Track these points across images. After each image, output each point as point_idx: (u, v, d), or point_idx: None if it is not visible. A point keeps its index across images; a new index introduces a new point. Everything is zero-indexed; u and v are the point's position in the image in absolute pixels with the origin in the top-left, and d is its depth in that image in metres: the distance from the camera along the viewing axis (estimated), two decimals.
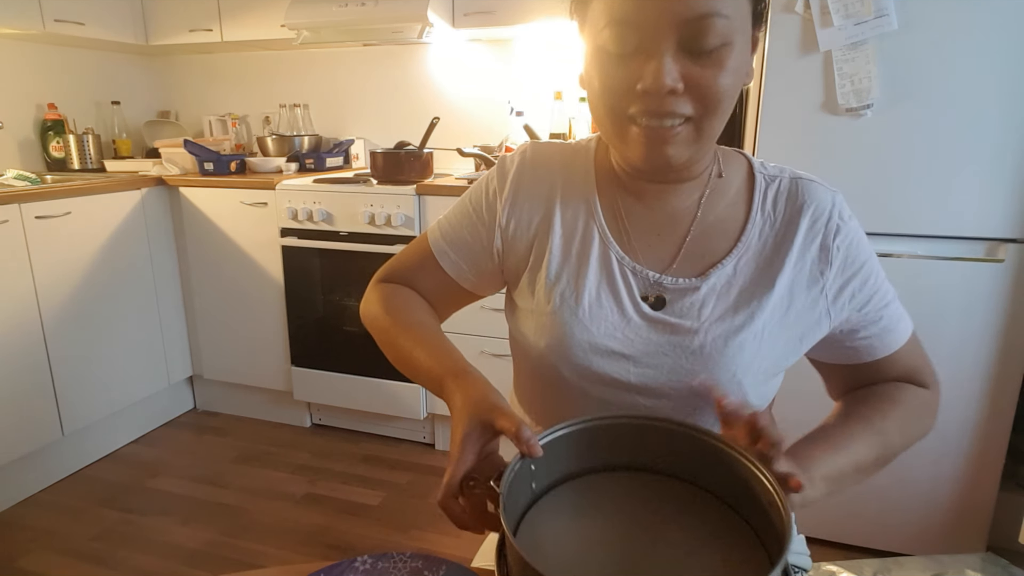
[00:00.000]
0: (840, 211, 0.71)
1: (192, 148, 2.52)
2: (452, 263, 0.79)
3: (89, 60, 2.85)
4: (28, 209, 2.03)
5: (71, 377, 2.20)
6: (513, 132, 2.55)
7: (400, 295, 0.81)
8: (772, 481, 0.52)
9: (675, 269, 0.71)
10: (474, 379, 0.64)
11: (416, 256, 0.83)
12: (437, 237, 0.81)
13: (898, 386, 0.75)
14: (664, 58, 0.58)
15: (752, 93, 1.67)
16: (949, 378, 1.63)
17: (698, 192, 0.72)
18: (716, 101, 0.60)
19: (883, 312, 0.72)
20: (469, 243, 0.78)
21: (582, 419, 0.61)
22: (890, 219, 1.59)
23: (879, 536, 1.78)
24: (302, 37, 2.49)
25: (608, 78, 0.62)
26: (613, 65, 0.61)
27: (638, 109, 0.61)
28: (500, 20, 2.24)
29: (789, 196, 0.71)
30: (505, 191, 0.77)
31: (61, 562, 1.83)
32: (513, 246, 0.77)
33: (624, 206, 0.73)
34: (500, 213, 0.76)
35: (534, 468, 0.57)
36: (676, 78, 0.58)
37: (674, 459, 0.60)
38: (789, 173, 0.73)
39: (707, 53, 0.58)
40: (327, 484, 2.21)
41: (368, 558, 0.63)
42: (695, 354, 0.68)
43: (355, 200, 2.24)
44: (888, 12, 1.47)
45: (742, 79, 0.62)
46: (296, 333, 2.45)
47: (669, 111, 0.60)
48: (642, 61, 0.59)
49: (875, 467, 0.68)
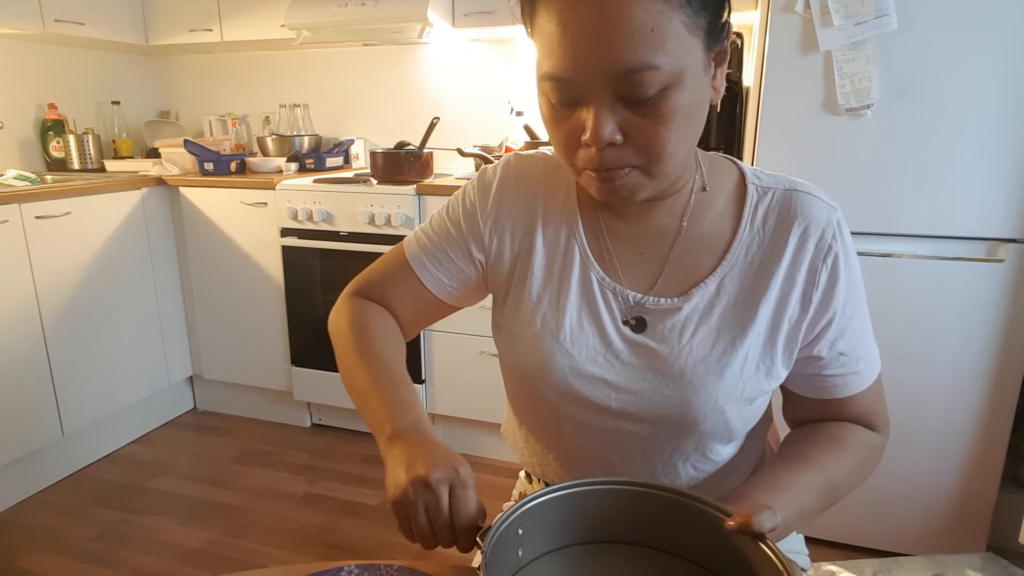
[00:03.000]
0: (836, 230, 0.67)
1: (192, 148, 2.52)
2: (431, 276, 0.77)
3: (89, 60, 2.85)
4: (28, 209, 2.03)
5: (71, 377, 2.20)
6: (513, 132, 2.55)
7: (371, 318, 0.77)
8: (782, 560, 0.49)
9: (658, 289, 0.69)
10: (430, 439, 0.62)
11: (393, 268, 0.80)
12: (415, 249, 0.78)
13: (852, 430, 0.72)
14: (601, 112, 0.56)
15: (752, 93, 1.67)
16: (949, 378, 1.63)
17: (680, 207, 0.69)
18: (659, 148, 0.58)
19: (857, 352, 0.70)
20: (448, 256, 0.77)
21: (574, 483, 0.57)
22: (890, 219, 1.59)
23: (879, 536, 1.78)
24: (302, 37, 2.49)
25: (553, 129, 0.61)
26: (556, 114, 0.60)
27: (583, 162, 0.60)
28: (500, 20, 2.24)
29: (781, 209, 0.68)
30: (488, 206, 0.75)
31: (61, 562, 1.83)
32: (497, 263, 0.76)
33: (606, 225, 0.72)
34: (482, 229, 0.75)
35: (521, 532, 0.54)
36: (613, 130, 0.56)
37: (672, 533, 0.56)
38: (786, 184, 0.69)
39: (645, 102, 0.55)
40: (327, 484, 2.21)
41: (355, 568, 0.62)
42: (675, 380, 0.67)
43: (355, 200, 2.24)
44: (888, 12, 1.47)
45: (697, 112, 0.59)
46: (296, 333, 2.45)
47: (609, 164, 0.58)
48: (582, 113, 0.58)
49: (817, 513, 0.66)
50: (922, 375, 1.64)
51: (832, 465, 0.67)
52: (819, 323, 0.67)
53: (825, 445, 0.69)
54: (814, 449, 0.69)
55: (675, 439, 0.70)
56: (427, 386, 2.34)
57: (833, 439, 0.70)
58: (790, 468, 0.66)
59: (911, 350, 1.64)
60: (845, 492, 0.69)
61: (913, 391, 1.65)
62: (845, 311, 0.68)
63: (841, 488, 0.68)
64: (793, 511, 0.61)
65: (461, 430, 2.39)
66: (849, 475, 0.69)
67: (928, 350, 1.63)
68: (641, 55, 0.53)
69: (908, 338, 1.63)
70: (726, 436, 0.70)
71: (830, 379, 0.70)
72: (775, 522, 0.52)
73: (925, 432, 1.67)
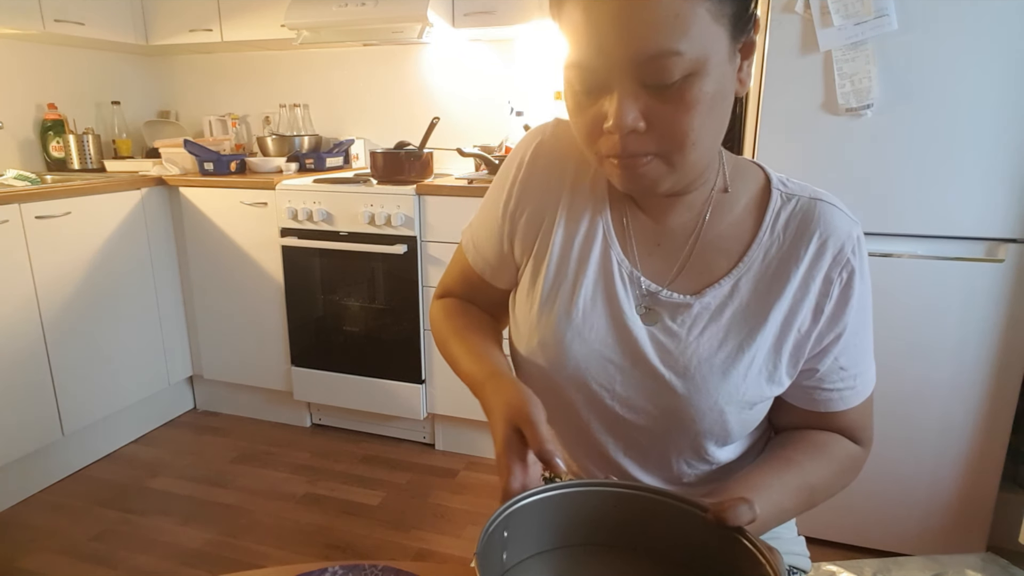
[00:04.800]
0: (856, 246, 0.67)
1: (192, 148, 2.52)
2: (492, 274, 0.80)
3: (89, 60, 2.85)
4: (28, 209, 2.03)
5: (71, 377, 2.20)
6: (513, 132, 2.55)
7: (459, 306, 0.83)
8: (762, 550, 0.49)
9: (674, 284, 0.70)
10: (508, 382, 0.63)
11: (458, 271, 0.83)
12: (470, 247, 0.81)
13: (837, 440, 0.72)
14: (624, 98, 0.56)
15: (752, 93, 1.66)
16: (949, 378, 1.63)
17: (700, 206, 0.70)
18: (681, 136, 0.58)
19: (856, 367, 0.70)
20: (500, 245, 0.78)
21: (557, 485, 0.56)
22: (890, 219, 1.59)
23: (879, 536, 1.78)
24: (302, 37, 2.49)
25: (577, 118, 0.62)
26: (580, 103, 0.61)
27: (606, 148, 0.61)
28: (500, 20, 2.24)
29: (803, 217, 0.67)
30: (516, 184, 0.76)
31: (61, 562, 1.83)
32: (524, 232, 0.76)
33: (630, 212, 0.73)
34: (512, 198, 0.76)
35: (507, 535, 0.54)
36: (636, 116, 0.57)
37: (656, 534, 0.56)
38: (811, 192, 0.69)
39: (669, 88, 0.56)
40: (327, 484, 2.21)
41: (339, 568, 0.63)
42: (679, 375, 0.67)
43: (355, 200, 2.24)
44: (888, 12, 1.47)
45: (721, 102, 0.59)
46: (296, 333, 2.45)
47: (632, 151, 0.59)
48: (606, 100, 0.58)
49: (795, 514, 0.68)
50: (922, 375, 1.64)
51: (813, 471, 0.69)
52: (828, 336, 0.68)
53: (810, 452, 0.70)
54: (798, 454, 0.70)
55: (670, 434, 0.70)
56: (427, 386, 2.34)
57: (818, 447, 0.71)
58: (773, 469, 0.67)
59: (911, 350, 1.64)
60: (822, 499, 0.70)
61: (913, 391, 1.65)
62: (854, 327, 0.68)
63: (819, 494, 0.69)
64: (772, 509, 0.62)
65: (461, 430, 2.39)
66: (828, 484, 0.70)
67: (928, 350, 1.63)
68: (664, 41, 0.53)
69: (908, 338, 1.63)
70: (722, 438, 0.70)
71: (826, 392, 0.71)
72: (752, 515, 0.52)
73: (925, 432, 1.67)
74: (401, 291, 2.27)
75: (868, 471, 0.76)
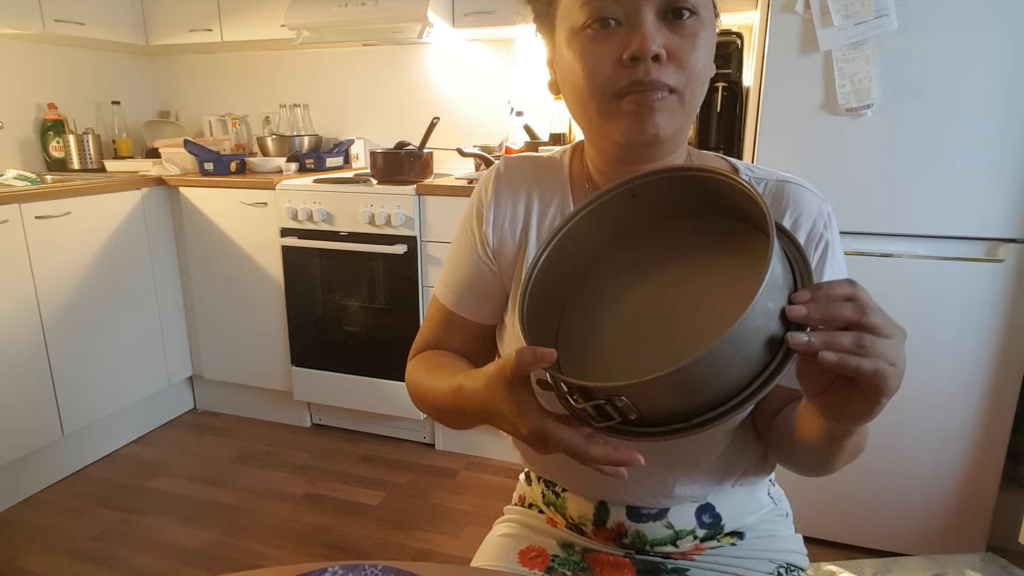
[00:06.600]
0: (827, 221, 0.68)
1: (192, 148, 2.52)
2: (472, 309, 0.80)
3: (89, 60, 2.85)
4: (28, 209, 2.03)
5: (71, 377, 2.20)
6: (513, 132, 2.55)
7: (431, 356, 0.80)
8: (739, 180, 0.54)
9: None
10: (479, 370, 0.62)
11: (436, 321, 0.82)
12: (446, 293, 0.81)
13: None
14: (647, 26, 0.60)
15: (752, 93, 1.66)
16: (949, 378, 1.63)
17: None
18: (695, 72, 0.63)
19: None
20: (479, 280, 0.78)
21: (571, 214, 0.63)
22: (890, 219, 1.59)
23: (879, 536, 1.78)
24: (302, 37, 2.49)
25: (592, 56, 0.63)
26: (595, 43, 0.62)
27: (626, 82, 0.62)
28: (500, 20, 2.24)
29: (773, 199, 0.69)
30: (487, 210, 0.77)
31: (61, 562, 1.83)
32: (503, 262, 0.78)
33: None
34: (487, 235, 0.77)
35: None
36: (660, 44, 0.61)
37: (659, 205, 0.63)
38: (778, 176, 0.71)
39: (682, 24, 0.61)
40: (327, 484, 2.21)
41: (339, 568, 0.63)
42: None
43: (355, 200, 2.24)
44: (888, 12, 1.47)
45: (710, 58, 0.65)
46: (296, 333, 2.45)
47: (655, 79, 0.61)
48: (624, 33, 0.61)
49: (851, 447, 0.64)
50: (922, 375, 1.64)
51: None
52: None
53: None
54: None
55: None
56: None
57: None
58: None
59: (911, 350, 1.62)
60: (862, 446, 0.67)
61: (913, 391, 1.65)
62: None
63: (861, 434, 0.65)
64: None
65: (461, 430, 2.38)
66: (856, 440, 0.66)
67: (928, 350, 1.63)
68: None
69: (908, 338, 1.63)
70: None
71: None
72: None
73: (925, 432, 1.67)
74: (401, 291, 2.27)
75: (868, 471, 0.76)
